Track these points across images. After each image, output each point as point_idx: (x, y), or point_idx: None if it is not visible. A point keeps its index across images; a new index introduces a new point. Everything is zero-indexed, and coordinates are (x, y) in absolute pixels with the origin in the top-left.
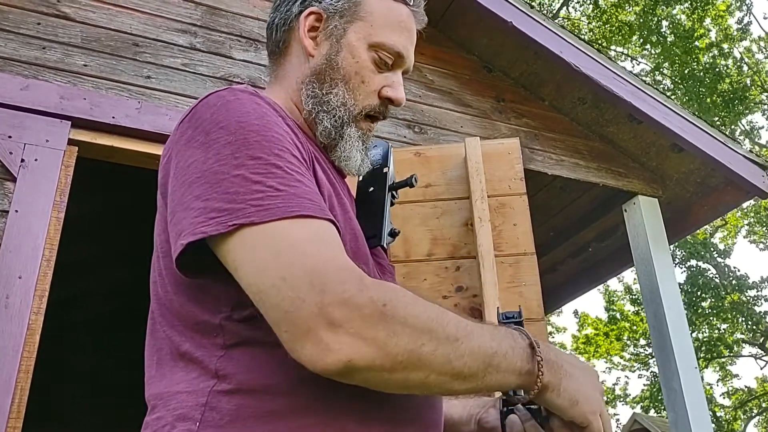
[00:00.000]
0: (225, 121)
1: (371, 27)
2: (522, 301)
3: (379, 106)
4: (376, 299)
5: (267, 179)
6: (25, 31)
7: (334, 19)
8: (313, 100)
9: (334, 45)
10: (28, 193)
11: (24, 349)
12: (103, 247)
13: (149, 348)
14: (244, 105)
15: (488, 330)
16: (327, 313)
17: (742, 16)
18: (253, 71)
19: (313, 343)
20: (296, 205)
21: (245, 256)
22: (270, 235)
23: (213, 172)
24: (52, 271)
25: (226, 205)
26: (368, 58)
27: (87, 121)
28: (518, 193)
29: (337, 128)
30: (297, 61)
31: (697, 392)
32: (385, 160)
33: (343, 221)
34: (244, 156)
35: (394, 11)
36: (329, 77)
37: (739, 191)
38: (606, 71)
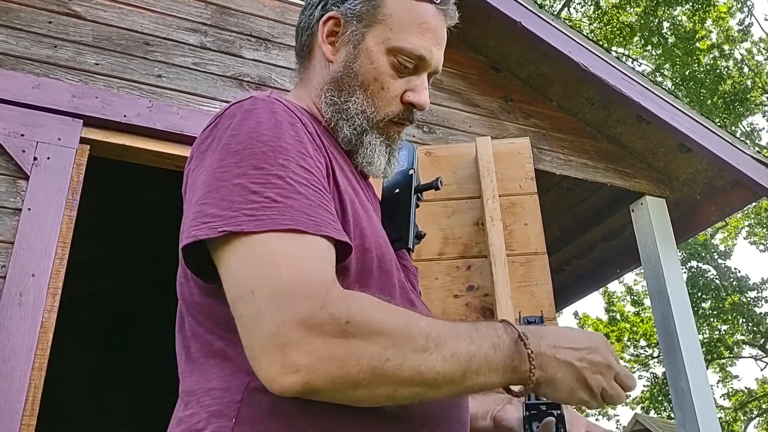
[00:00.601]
0: (237, 131)
1: (390, 31)
2: (533, 300)
3: (404, 111)
4: (338, 316)
5: (266, 189)
6: (36, 29)
7: (352, 24)
8: (332, 107)
9: (352, 51)
10: (41, 191)
11: (37, 347)
12: (110, 246)
13: (178, 346)
14: (258, 115)
15: (466, 333)
16: (284, 332)
17: (743, 17)
18: (263, 70)
19: (269, 363)
20: (289, 219)
21: (229, 263)
22: (255, 245)
23: (215, 178)
24: (64, 269)
25: (221, 212)
26: (387, 63)
27: (99, 120)
28: (529, 192)
29: (356, 135)
30: (319, 66)
31: (704, 392)
32: (410, 162)
33: (368, 227)
34: (247, 165)
35: (416, 12)
36: (347, 84)
37: (746, 192)
38: (614, 71)
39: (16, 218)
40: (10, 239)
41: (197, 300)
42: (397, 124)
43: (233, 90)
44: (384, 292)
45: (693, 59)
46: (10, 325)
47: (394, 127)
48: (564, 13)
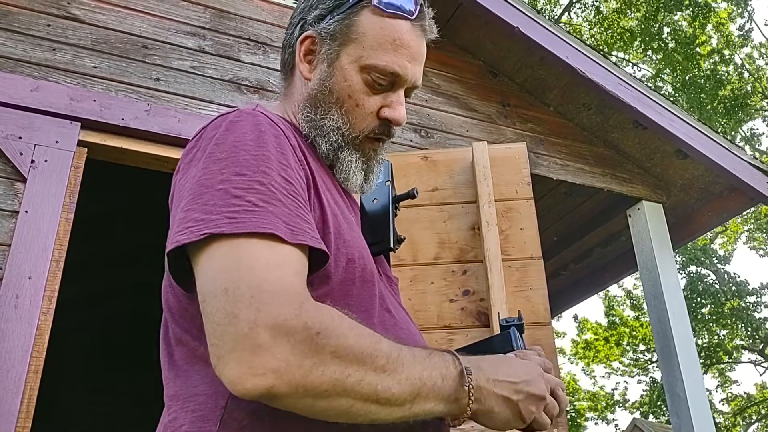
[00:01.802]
0: (222, 140)
1: (363, 49)
2: (529, 305)
3: (380, 127)
4: (310, 326)
5: (247, 194)
6: (35, 32)
7: (327, 43)
8: (309, 124)
9: (327, 69)
10: (38, 193)
11: (33, 349)
12: (107, 248)
13: (163, 353)
14: (243, 126)
15: (421, 359)
16: (256, 334)
17: (744, 22)
18: (261, 74)
19: (237, 363)
20: (269, 224)
21: (206, 262)
22: (233, 247)
23: (199, 185)
24: (61, 271)
25: (203, 216)
26: (361, 80)
27: (97, 123)
28: (525, 197)
29: (333, 151)
30: (299, 83)
31: (700, 398)
32: (386, 175)
33: (351, 238)
34: (230, 172)
35: (389, 29)
36: (323, 101)
37: (743, 198)
38: (611, 77)
39: (14, 221)
40: (6, 241)
41: (182, 306)
42: (373, 141)
43: (231, 93)
44: (365, 301)
45: (693, 64)
46: (6, 327)
47: (370, 143)
48: (564, 18)
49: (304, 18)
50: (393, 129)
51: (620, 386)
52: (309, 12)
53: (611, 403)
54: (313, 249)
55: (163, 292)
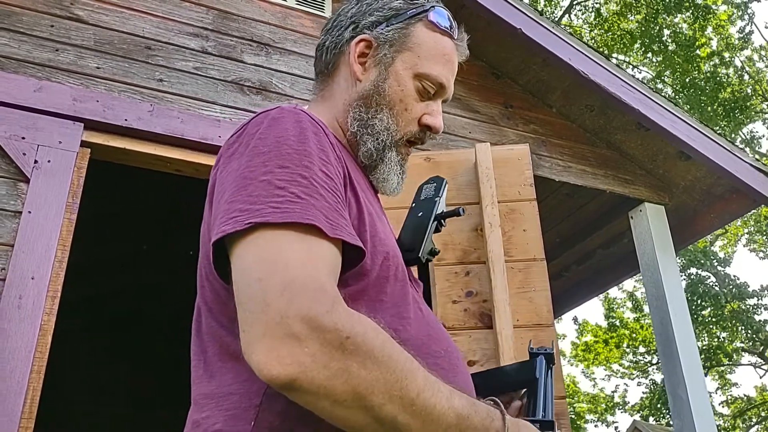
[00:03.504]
0: (265, 135)
1: (418, 57)
2: (532, 306)
3: (419, 133)
4: (340, 328)
5: (290, 186)
6: (38, 33)
7: (384, 48)
8: (358, 122)
9: (383, 72)
10: (41, 194)
11: (36, 349)
12: (110, 249)
13: (196, 348)
14: (285, 122)
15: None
16: (288, 324)
17: (744, 25)
18: (264, 75)
19: (267, 350)
20: (311, 215)
21: (243, 252)
22: (273, 237)
23: (243, 177)
24: (64, 272)
25: (247, 206)
26: (413, 86)
27: (100, 123)
28: (528, 198)
29: (379, 151)
30: (345, 84)
31: (702, 400)
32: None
33: (385, 237)
34: (273, 165)
35: (440, 44)
36: (375, 102)
37: (745, 199)
38: (614, 79)
39: (17, 221)
40: (10, 242)
41: (219, 299)
42: (409, 145)
43: (234, 94)
44: (399, 298)
45: (693, 66)
46: (9, 327)
47: (405, 147)
48: (565, 20)
49: (356, 22)
50: (427, 136)
51: (620, 388)
52: (363, 17)
53: (611, 406)
54: (348, 246)
55: (199, 285)
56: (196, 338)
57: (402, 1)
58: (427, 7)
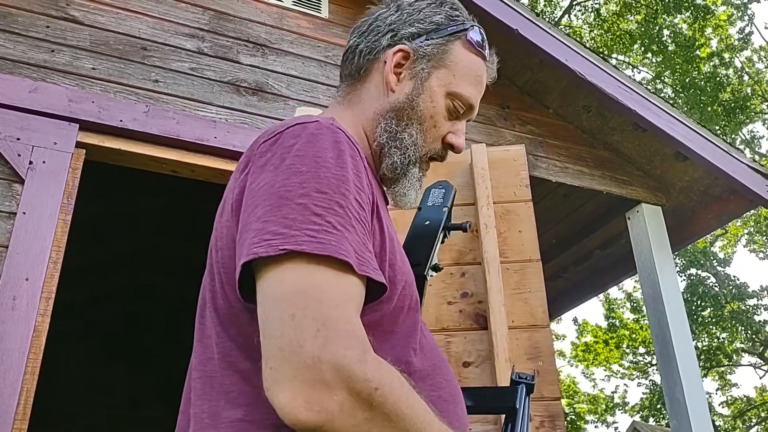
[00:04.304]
0: (302, 152)
1: (453, 76)
2: (527, 307)
3: (441, 150)
4: (371, 378)
5: (327, 214)
6: (34, 34)
7: (422, 62)
8: (388, 134)
9: (418, 86)
10: (36, 195)
11: (30, 351)
12: (106, 250)
13: (199, 356)
14: (324, 141)
15: None
16: (320, 369)
17: (744, 26)
18: (260, 76)
19: (294, 393)
20: (345, 250)
21: (275, 281)
22: (307, 269)
23: (278, 196)
24: (59, 273)
25: (282, 230)
26: (444, 104)
27: (95, 124)
28: (524, 199)
29: (404, 165)
30: (376, 92)
31: (699, 401)
32: (446, 201)
33: (403, 265)
34: (311, 188)
35: (474, 65)
36: (407, 116)
37: (742, 200)
38: (611, 79)
39: (11, 222)
40: (4, 243)
41: (232, 313)
42: (429, 162)
43: (230, 95)
44: (409, 327)
45: (693, 67)
46: (3, 328)
47: (426, 164)
48: (564, 20)
49: (395, 30)
50: (448, 154)
51: (620, 389)
52: (402, 26)
53: (611, 406)
54: (372, 280)
55: (209, 294)
56: (200, 346)
57: (444, 16)
58: (467, 26)
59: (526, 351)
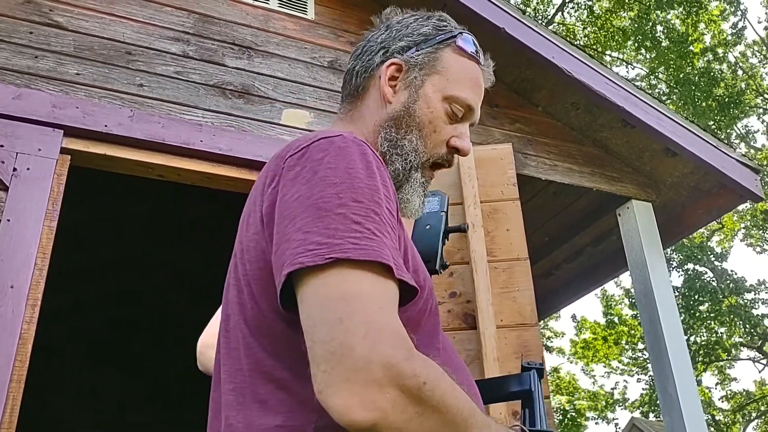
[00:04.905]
0: (334, 164)
1: (447, 81)
2: (516, 306)
3: (447, 155)
4: (419, 373)
5: (366, 221)
6: (17, 40)
7: (414, 71)
8: (388, 142)
9: (413, 94)
10: (21, 202)
11: (16, 359)
12: (91, 255)
13: (228, 369)
14: (353, 153)
15: None
16: (372, 369)
17: (737, 21)
18: (246, 78)
19: (348, 394)
20: (386, 255)
21: (320, 287)
22: (351, 274)
23: (316, 207)
24: (44, 280)
25: (326, 240)
26: (441, 109)
27: (79, 130)
28: (511, 198)
29: (405, 171)
30: (374, 106)
31: (692, 396)
32: (441, 206)
33: (423, 270)
34: (347, 197)
35: (467, 68)
36: (405, 123)
37: (732, 195)
38: (598, 76)
39: None
40: None
41: (265, 323)
42: (434, 168)
43: (216, 98)
44: (431, 329)
45: (687, 62)
46: None
47: (430, 170)
48: (558, 18)
49: (386, 47)
50: (454, 158)
51: (620, 385)
52: (393, 42)
53: (611, 402)
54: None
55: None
56: (225, 356)
57: (430, 27)
58: (455, 33)
59: (515, 350)
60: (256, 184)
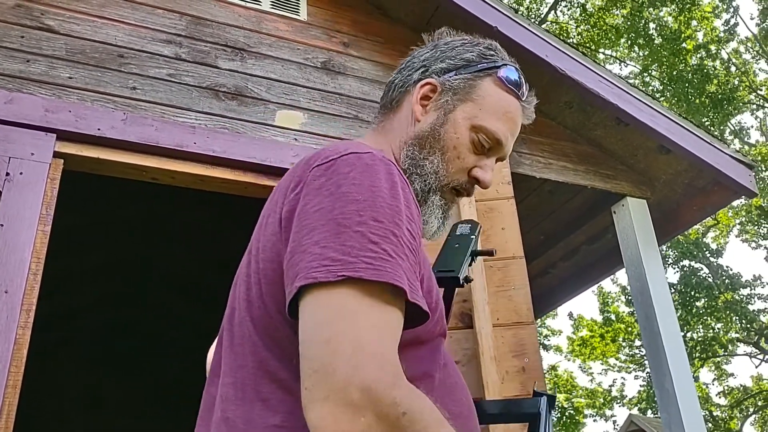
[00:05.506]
0: (359, 180)
1: (479, 110)
2: (512, 305)
3: (466, 184)
4: (398, 402)
5: (383, 242)
6: (8, 44)
7: (447, 94)
8: (410, 160)
9: (441, 117)
10: (14, 206)
11: (11, 364)
12: (88, 259)
13: (230, 363)
14: (379, 172)
15: None
16: (350, 391)
17: (729, 17)
18: (239, 80)
19: (326, 413)
20: (399, 277)
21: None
22: (357, 295)
23: (336, 222)
24: (39, 284)
25: (341, 256)
26: (468, 137)
27: (72, 134)
28: (506, 197)
29: (424, 192)
30: (405, 122)
31: (689, 393)
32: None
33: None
34: (368, 216)
35: (504, 101)
36: (429, 144)
37: (726, 191)
38: (591, 74)
39: None
40: None
41: (272, 325)
42: (455, 193)
43: (209, 100)
44: (436, 349)
45: (680, 59)
46: None
47: (451, 194)
48: (551, 16)
49: (427, 66)
50: (474, 188)
51: (618, 382)
52: (434, 62)
53: (609, 400)
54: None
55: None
56: (228, 349)
57: (475, 53)
58: (499, 64)
59: (512, 348)
60: (279, 184)
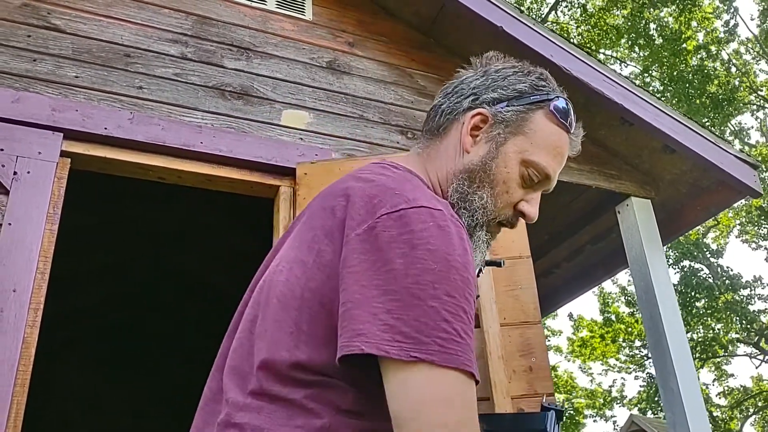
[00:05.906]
0: (434, 246)
1: (530, 144)
2: (518, 304)
3: (512, 217)
4: None
5: (455, 321)
6: (15, 43)
7: (499, 127)
8: (459, 194)
9: (492, 150)
10: (21, 205)
11: (20, 363)
12: (94, 258)
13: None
14: (452, 236)
15: None
16: None
17: (729, 18)
18: (245, 80)
19: None
20: (469, 360)
21: (407, 385)
22: (436, 381)
23: (410, 293)
24: (46, 283)
25: (414, 334)
26: (518, 171)
27: (79, 133)
28: None
29: (471, 227)
30: (452, 151)
31: (694, 392)
32: None
33: None
34: (442, 290)
35: (555, 135)
36: (479, 178)
37: (731, 191)
38: (596, 74)
39: None
40: None
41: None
42: (499, 226)
43: (215, 100)
44: None
45: (680, 60)
46: None
47: (496, 228)
48: (551, 17)
49: (477, 94)
50: (518, 221)
51: (618, 383)
52: (485, 91)
53: (609, 400)
54: None
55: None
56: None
57: (527, 84)
58: (551, 97)
59: (519, 348)
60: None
